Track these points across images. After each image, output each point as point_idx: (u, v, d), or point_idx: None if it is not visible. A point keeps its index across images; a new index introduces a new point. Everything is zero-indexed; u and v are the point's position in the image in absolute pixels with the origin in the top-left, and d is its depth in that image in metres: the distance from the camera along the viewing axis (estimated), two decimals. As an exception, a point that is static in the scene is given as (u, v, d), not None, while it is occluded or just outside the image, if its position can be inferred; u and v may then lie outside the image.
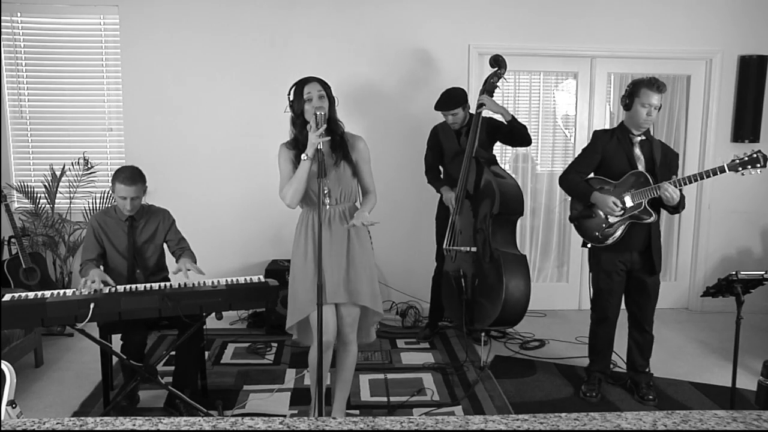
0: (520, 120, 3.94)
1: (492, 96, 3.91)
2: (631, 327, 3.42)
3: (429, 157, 4.21)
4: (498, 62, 3.92)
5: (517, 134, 3.90)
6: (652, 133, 3.36)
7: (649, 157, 3.24)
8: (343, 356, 2.90)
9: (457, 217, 3.90)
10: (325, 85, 2.71)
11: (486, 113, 3.93)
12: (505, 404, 3.30)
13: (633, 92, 3.17)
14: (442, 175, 4.20)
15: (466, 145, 3.95)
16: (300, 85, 2.71)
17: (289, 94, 2.73)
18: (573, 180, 3.33)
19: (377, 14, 4.69)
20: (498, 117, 3.92)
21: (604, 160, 3.29)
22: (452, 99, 3.94)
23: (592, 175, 3.36)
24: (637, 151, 3.24)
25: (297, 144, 2.75)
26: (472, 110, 4.04)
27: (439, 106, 3.99)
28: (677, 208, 3.15)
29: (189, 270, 3.02)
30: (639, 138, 3.24)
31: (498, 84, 3.92)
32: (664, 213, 3.32)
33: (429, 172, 4.21)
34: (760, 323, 4.63)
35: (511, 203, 3.76)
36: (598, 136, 3.36)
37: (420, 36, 4.72)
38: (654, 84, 3.12)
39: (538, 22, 4.76)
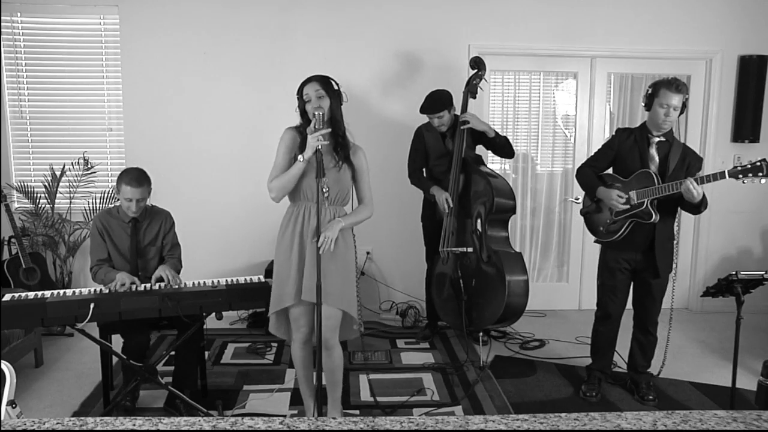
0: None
1: (475, 97, 3.97)
2: (635, 327, 3.43)
3: (415, 158, 4.18)
4: (478, 64, 3.99)
5: (499, 147, 3.95)
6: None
7: (663, 158, 3.20)
8: (328, 361, 2.83)
9: (451, 219, 3.90)
10: (325, 84, 2.70)
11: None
12: (505, 404, 3.30)
13: (653, 93, 3.16)
14: (425, 175, 4.20)
15: (451, 147, 3.97)
16: (301, 87, 2.73)
17: (297, 94, 2.75)
18: (585, 173, 3.36)
19: (377, 14, 4.69)
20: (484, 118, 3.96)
21: (619, 158, 3.30)
22: (437, 102, 3.94)
23: (610, 171, 3.38)
24: (653, 151, 3.21)
25: (303, 134, 2.74)
26: (457, 112, 4.05)
27: (424, 110, 3.99)
28: (699, 207, 3.11)
29: (168, 276, 3.00)
30: (657, 139, 3.21)
31: (480, 85, 3.97)
32: (681, 215, 3.29)
33: (414, 174, 4.17)
34: (760, 323, 4.63)
35: (504, 202, 3.79)
36: (618, 133, 3.38)
37: (419, 36, 4.72)
38: (673, 84, 3.09)
39: (538, 22, 4.76)
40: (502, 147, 3.93)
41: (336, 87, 2.73)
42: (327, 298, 2.66)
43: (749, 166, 2.88)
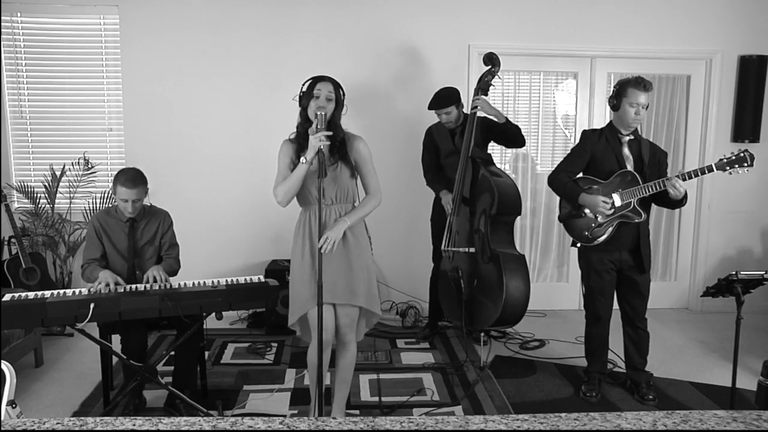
0: (518, 120, 3.96)
1: (487, 94, 3.91)
2: (625, 325, 3.44)
3: (425, 158, 4.21)
4: (492, 60, 3.92)
5: (510, 135, 3.91)
6: (641, 133, 3.37)
7: (637, 156, 3.25)
8: (342, 356, 2.90)
9: (455, 218, 3.90)
10: (337, 88, 2.72)
11: (480, 113, 3.94)
12: (505, 404, 3.30)
13: (620, 92, 3.18)
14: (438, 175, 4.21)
15: (460, 145, 3.96)
16: (313, 81, 2.72)
17: (302, 86, 2.74)
18: (562, 180, 3.33)
19: (377, 14, 4.69)
20: (492, 118, 3.94)
21: (593, 160, 3.29)
22: (445, 98, 3.95)
23: (580, 174, 3.37)
24: (626, 150, 3.26)
25: (298, 138, 2.76)
26: (466, 110, 4.05)
27: (432, 106, 4.00)
28: (681, 202, 3.15)
29: (155, 279, 2.99)
30: (628, 137, 3.26)
31: (492, 82, 3.93)
32: (654, 213, 3.33)
33: (428, 173, 4.21)
34: (760, 323, 4.63)
35: (508, 203, 3.76)
36: (587, 135, 3.36)
37: (420, 36, 4.73)
38: (640, 83, 3.14)
39: (538, 22, 4.76)
40: (512, 132, 3.89)
41: (343, 95, 2.75)
42: (354, 298, 2.73)
43: (734, 157, 3.00)
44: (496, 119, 3.88)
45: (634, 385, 3.44)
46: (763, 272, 2.84)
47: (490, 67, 3.92)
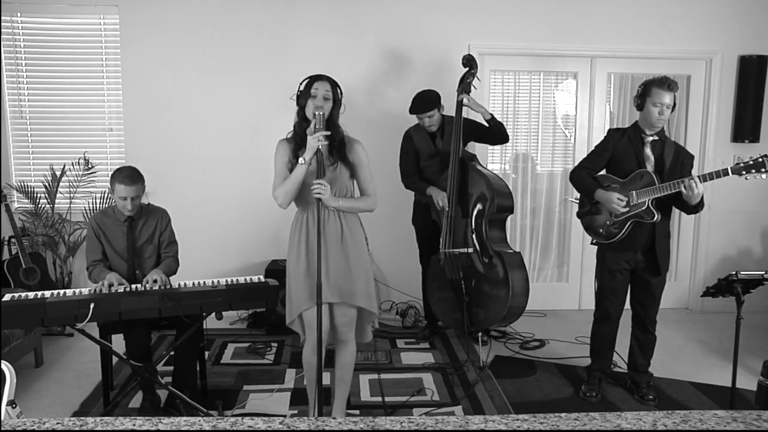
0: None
1: (469, 94, 3.95)
2: (634, 327, 3.43)
3: (405, 161, 4.17)
4: (470, 62, 4.00)
5: (496, 133, 3.94)
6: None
7: (659, 157, 3.22)
8: (342, 356, 2.90)
9: (449, 219, 3.90)
10: (334, 87, 2.72)
11: (467, 110, 3.96)
12: (505, 404, 3.30)
13: (644, 92, 3.17)
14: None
15: (441, 147, 3.98)
16: (311, 81, 2.72)
17: (300, 85, 2.74)
18: (581, 176, 3.35)
19: (377, 14, 4.69)
20: (478, 116, 3.96)
21: (614, 159, 3.30)
22: (427, 101, 3.95)
23: (603, 172, 3.37)
24: (648, 150, 3.23)
25: (296, 137, 2.76)
26: (445, 112, 4.06)
27: (414, 110, 4.00)
28: (696, 208, 3.12)
29: (156, 282, 2.98)
30: (651, 138, 3.23)
31: (473, 83, 3.97)
32: (675, 213, 3.29)
33: (407, 177, 4.16)
34: (760, 323, 4.63)
35: (504, 202, 3.79)
36: (610, 134, 3.37)
37: (420, 35, 4.73)
38: (665, 83, 3.12)
39: (538, 22, 4.76)
40: (498, 130, 3.92)
41: (340, 94, 2.75)
42: (352, 297, 2.73)
43: (751, 162, 2.94)
44: (482, 115, 3.90)
45: (634, 385, 3.44)
46: (763, 272, 2.83)
47: (468, 68, 3.98)
